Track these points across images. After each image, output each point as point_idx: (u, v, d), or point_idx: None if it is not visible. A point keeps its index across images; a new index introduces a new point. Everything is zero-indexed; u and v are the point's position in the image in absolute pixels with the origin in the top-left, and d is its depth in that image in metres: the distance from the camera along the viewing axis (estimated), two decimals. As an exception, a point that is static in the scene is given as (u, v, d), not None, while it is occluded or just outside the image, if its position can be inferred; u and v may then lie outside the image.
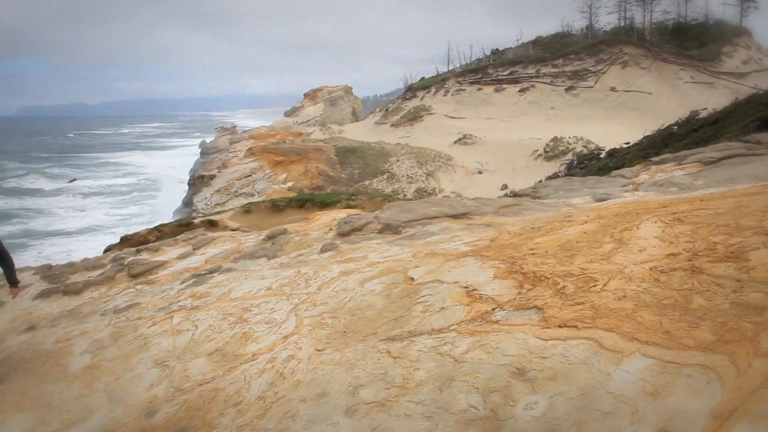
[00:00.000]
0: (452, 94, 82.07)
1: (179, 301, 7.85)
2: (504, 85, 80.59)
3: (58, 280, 11.53)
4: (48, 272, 12.33)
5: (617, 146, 36.82)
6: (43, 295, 10.75)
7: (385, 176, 49.13)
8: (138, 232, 18.76)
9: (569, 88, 77.69)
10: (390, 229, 9.04)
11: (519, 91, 79.20)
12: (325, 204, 18.51)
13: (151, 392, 5.69)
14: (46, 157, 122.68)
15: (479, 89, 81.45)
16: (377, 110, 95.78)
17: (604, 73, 79.22)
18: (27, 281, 11.95)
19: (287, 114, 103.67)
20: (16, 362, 7.49)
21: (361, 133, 76.58)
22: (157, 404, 5.43)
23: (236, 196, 42.87)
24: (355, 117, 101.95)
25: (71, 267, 12.57)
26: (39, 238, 53.60)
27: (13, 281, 7.29)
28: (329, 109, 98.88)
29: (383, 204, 14.70)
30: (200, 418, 4.97)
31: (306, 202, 19.52)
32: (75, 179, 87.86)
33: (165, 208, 59.98)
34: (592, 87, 77.75)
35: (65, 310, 9.68)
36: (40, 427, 5.82)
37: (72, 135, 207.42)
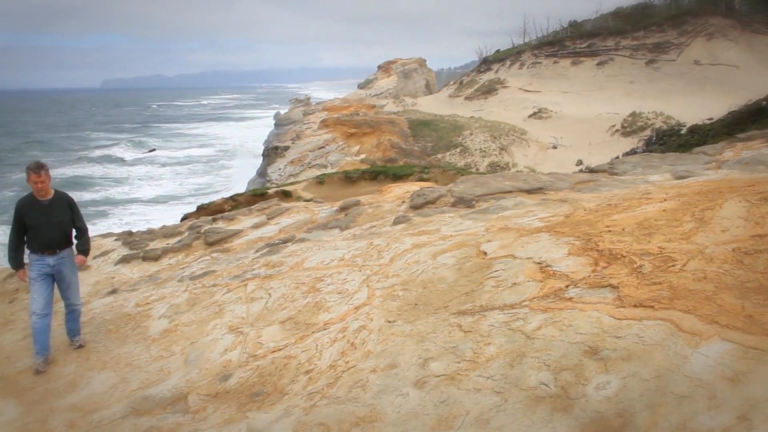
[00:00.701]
0: (527, 67, 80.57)
1: (253, 269, 8.03)
2: (581, 58, 78.55)
3: (138, 246, 11.93)
4: (129, 238, 12.77)
5: (699, 122, 35.49)
6: (124, 260, 11.15)
7: (457, 150, 48.77)
8: (214, 201, 19.19)
9: (650, 62, 75.17)
10: (463, 202, 9.01)
11: (597, 64, 77.12)
12: (397, 176, 18.52)
13: (225, 357, 5.86)
14: (129, 128, 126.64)
15: (555, 62, 79.67)
16: (451, 83, 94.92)
17: (687, 45, 76.24)
18: (109, 246, 12.43)
19: (361, 86, 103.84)
20: (100, 323, 7.82)
21: (434, 105, 76.07)
22: (231, 369, 5.59)
23: (309, 167, 43.27)
24: (429, 90, 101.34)
25: (150, 234, 12.98)
26: (119, 206, 55.56)
27: (84, 249, 7.35)
28: (403, 82, 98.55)
29: (456, 177, 14.63)
30: (272, 384, 5.09)
31: (379, 175, 19.56)
32: (154, 149, 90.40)
33: (239, 179, 61.25)
34: (674, 60, 74.98)
35: (144, 276, 10.03)
36: (122, 385, 6.08)
37: (155, 106, 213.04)
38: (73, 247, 7.15)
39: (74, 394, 6.07)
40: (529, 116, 62.25)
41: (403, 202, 10.07)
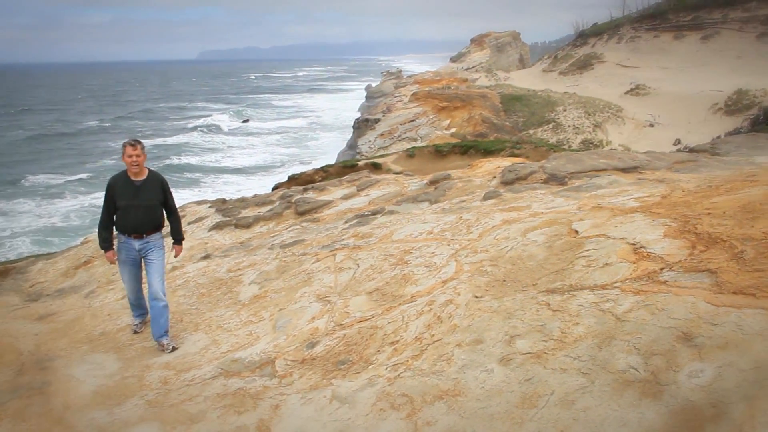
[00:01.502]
0: (626, 42, 77.61)
1: (342, 239, 8.14)
2: (684, 32, 74.93)
3: (231, 213, 12.28)
4: (222, 206, 13.16)
5: (814, 101, 33.46)
6: (217, 227, 11.51)
7: (550, 126, 47.72)
8: (305, 172, 19.47)
9: (761, 35, 70.92)
10: (555, 179, 8.84)
11: (701, 38, 73.42)
12: (488, 151, 18.30)
13: (312, 325, 5.98)
14: (226, 98, 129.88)
15: (656, 36, 76.37)
16: (545, 57, 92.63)
17: (806, 17, 71.47)
18: (203, 213, 12.85)
19: (453, 59, 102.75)
20: (193, 287, 8.12)
21: (527, 80, 74.55)
22: (318, 336, 5.71)
23: (399, 140, 43.26)
24: (522, 64, 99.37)
25: (243, 202, 13.33)
26: (213, 173, 57.24)
27: (178, 237, 7.08)
28: (496, 56, 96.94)
29: (548, 154, 14.35)
30: (358, 353, 5.17)
31: (469, 149, 19.38)
32: (248, 120, 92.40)
33: (329, 150, 61.95)
34: (790, 34, 70.50)
35: (236, 242, 10.33)
36: (213, 346, 6.31)
37: (253, 77, 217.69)
38: (163, 232, 6.87)
39: (168, 353, 6.34)
40: (626, 92, 60.11)
41: (494, 177, 9.97)
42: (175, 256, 7.26)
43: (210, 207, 13.39)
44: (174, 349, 6.48)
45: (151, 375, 5.94)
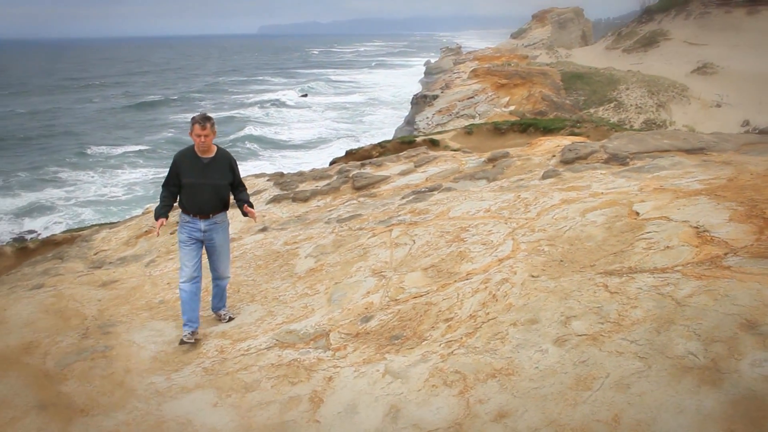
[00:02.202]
0: (695, 18, 75.04)
1: (399, 215, 8.14)
2: (759, 7, 71.81)
3: (289, 187, 12.41)
4: (280, 179, 13.30)
5: None
6: (275, 200, 11.65)
7: (611, 105, 46.70)
8: (362, 147, 19.49)
9: (842, 10, 67.68)
10: (617, 159, 8.66)
11: (778, 13, 70.38)
12: (548, 130, 18.03)
13: (367, 299, 6.02)
14: (287, 73, 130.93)
15: (727, 12, 73.51)
16: (608, 34, 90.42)
17: None
18: (261, 186, 13.01)
19: (513, 36, 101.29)
20: (250, 259, 8.24)
21: (589, 57, 72.92)
22: (372, 311, 5.74)
23: (457, 117, 42.95)
24: (584, 41, 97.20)
25: (300, 176, 13.45)
26: (272, 147, 57.93)
27: (249, 201, 6.49)
28: (557, 32, 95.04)
29: (609, 133, 14.06)
30: (411, 329, 5.19)
31: (528, 127, 19.12)
32: (306, 94, 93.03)
33: (386, 125, 61.96)
34: None
35: (293, 216, 10.43)
36: (268, 317, 6.41)
37: (315, 52, 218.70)
38: (228, 212, 6.51)
39: (224, 323, 6.46)
40: (692, 71, 58.31)
41: (554, 156, 9.82)
42: (255, 220, 6.62)
43: (268, 180, 13.55)
44: (231, 319, 6.53)
45: (208, 343, 6.08)
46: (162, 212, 6.20)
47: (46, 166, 51.28)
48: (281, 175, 14.33)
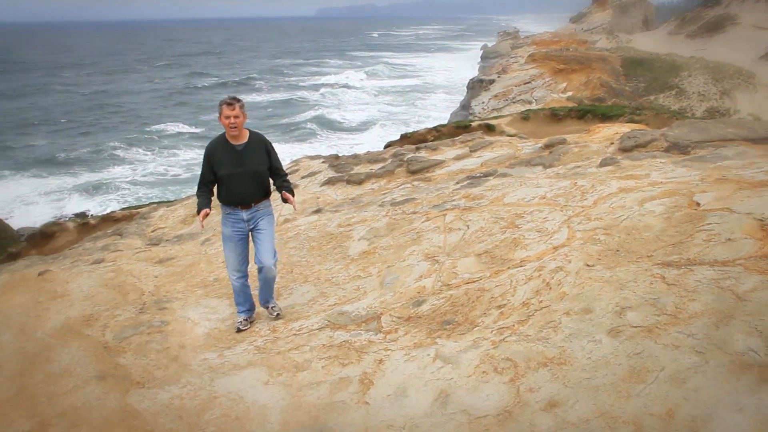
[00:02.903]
0: (766, 0, 72.29)
1: (453, 200, 8.10)
2: (837, -10, 68.75)
3: (343, 169, 12.46)
4: (335, 162, 13.36)
5: None
6: (329, 182, 11.71)
7: (673, 92, 45.50)
8: (417, 131, 19.41)
9: None
10: (677, 148, 8.45)
11: None
12: (606, 116, 17.68)
13: (419, 283, 6.01)
14: (346, 55, 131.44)
15: (804, -6, 70.53)
16: (672, 18, 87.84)
17: None
18: (316, 168, 13.10)
19: (573, 20, 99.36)
20: (304, 240, 8.31)
21: (650, 43, 71.03)
22: (425, 295, 5.73)
23: (513, 102, 42.44)
24: (646, 26, 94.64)
25: (355, 158, 13.48)
26: (327, 129, 58.30)
27: (290, 188, 6.10)
28: (618, 16, 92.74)
29: (670, 121, 13.71)
30: (463, 315, 5.17)
31: (586, 113, 18.77)
32: (364, 77, 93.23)
33: (442, 109, 61.67)
34: None
35: (348, 198, 10.47)
36: (321, 299, 6.46)
37: (375, 35, 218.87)
38: (271, 199, 6.18)
39: (278, 302, 6.53)
40: (761, 57, 56.27)
41: (612, 143, 9.63)
42: (295, 208, 6.35)
43: (323, 162, 13.63)
44: (278, 316, 6.23)
45: (260, 323, 6.17)
46: (204, 203, 5.88)
47: (107, 145, 52.69)
48: (336, 157, 14.40)
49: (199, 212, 5.85)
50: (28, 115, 66.43)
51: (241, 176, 5.80)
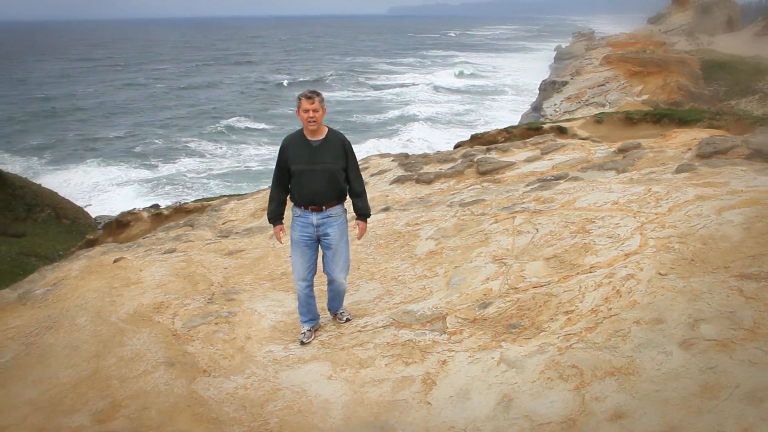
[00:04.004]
0: None
1: (523, 202, 8.00)
2: None
3: (413, 168, 12.46)
4: (405, 160, 13.38)
5: None
6: (398, 180, 11.73)
7: (756, 96, 43.86)
8: (488, 132, 19.29)
9: None
10: (761, 156, 8.14)
11: None
12: (684, 121, 17.20)
13: (486, 285, 5.96)
14: (419, 54, 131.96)
15: None
16: (759, 19, 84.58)
17: None
18: (386, 166, 13.14)
19: (650, 21, 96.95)
20: (372, 237, 8.34)
21: (733, 45, 68.61)
22: (491, 297, 5.68)
23: (586, 104, 41.70)
24: (730, 27, 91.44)
25: (425, 158, 13.47)
26: (399, 127, 58.52)
27: (364, 213, 5.92)
28: (699, 17, 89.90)
29: (753, 127, 13.23)
30: (530, 319, 5.10)
31: (663, 118, 18.31)
32: (436, 78, 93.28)
33: (513, 110, 61.10)
34: None
35: (416, 197, 10.47)
36: (386, 296, 6.47)
37: (452, 34, 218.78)
38: (345, 205, 5.86)
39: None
40: None
41: (689, 149, 9.34)
42: (358, 238, 6.08)
43: (393, 161, 13.66)
44: (348, 320, 6.05)
45: (325, 317, 6.21)
46: (276, 218, 5.82)
47: (181, 138, 54.23)
48: (406, 156, 14.42)
49: (272, 223, 5.87)
50: (110, 108, 69.10)
51: (314, 174, 5.51)
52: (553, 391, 4.13)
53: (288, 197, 5.80)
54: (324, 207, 5.60)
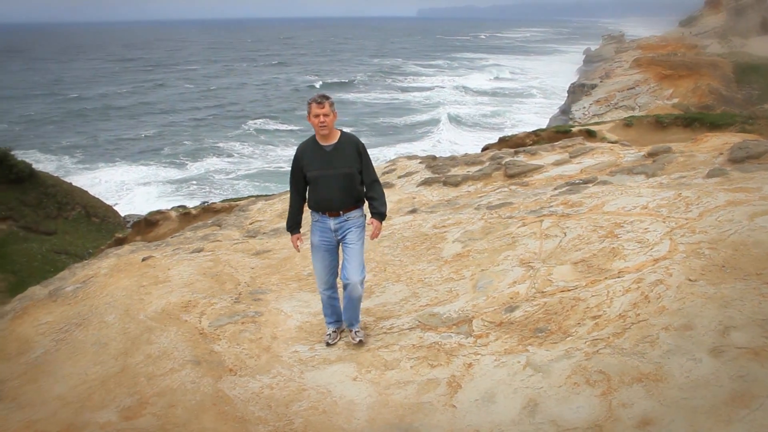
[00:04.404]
0: None
1: (550, 206, 7.95)
2: None
3: (440, 170, 12.44)
4: (432, 162, 13.36)
5: None
6: (426, 182, 11.71)
7: (791, 100, 43.18)
8: (516, 134, 19.24)
9: None
10: (794, 161, 8.00)
11: None
12: (715, 125, 16.99)
13: (513, 289, 5.92)
14: (447, 57, 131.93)
15: None
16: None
17: None
18: (413, 168, 13.14)
19: (682, 24, 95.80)
20: (398, 239, 8.34)
21: (768, 47, 67.61)
22: (518, 301, 5.65)
23: (615, 108, 41.38)
24: (764, 29, 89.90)
25: (452, 160, 13.44)
26: (429, 129, 58.58)
27: (380, 210, 5.68)
28: (733, 20, 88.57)
29: (786, 132, 13.02)
30: (557, 323, 5.06)
31: (694, 122, 18.10)
32: (466, 78, 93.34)
33: (541, 113, 60.82)
34: None
35: (443, 199, 10.45)
36: (413, 299, 6.46)
37: (483, 36, 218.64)
38: (364, 208, 5.73)
39: (369, 300, 6.58)
40: None
41: (721, 153, 9.20)
42: (372, 237, 5.78)
43: (420, 163, 13.65)
44: (361, 342, 5.68)
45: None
46: (293, 227, 5.78)
47: (210, 138, 54.76)
48: (433, 158, 14.40)
49: (288, 229, 5.83)
50: (141, 108, 70.10)
51: (329, 179, 5.41)
52: (579, 396, 4.10)
53: (306, 204, 5.74)
54: (342, 212, 5.52)
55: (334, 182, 5.40)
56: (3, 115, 65.27)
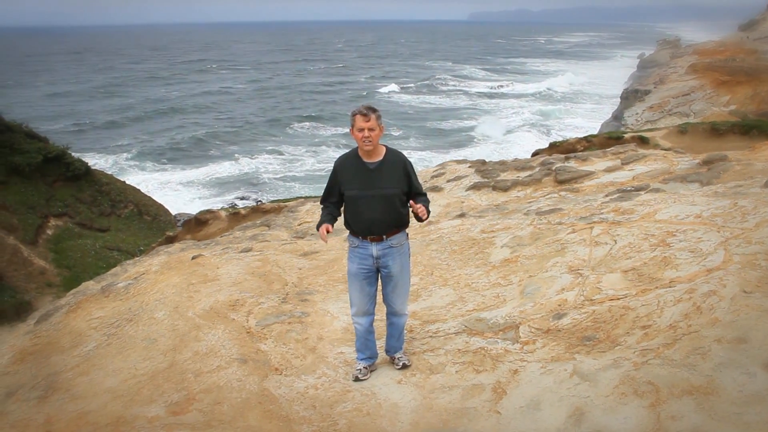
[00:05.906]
0: None
1: (601, 213, 7.83)
2: None
3: (489, 175, 12.39)
4: (482, 167, 13.32)
5: None
6: (475, 187, 11.67)
7: None
8: (567, 140, 19.02)
9: None
10: None
11: None
12: (775, 133, 16.55)
13: (561, 296, 5.85)
14: (499, 62, 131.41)
15: None
16: None
17: None
18: (462, 173, 13.11)
19: (741, 28, 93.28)
20: (446, 243, 8.33)
21: (835, 52, 65.43)
22: (566, 308, 5.58)
23: (669, 114, 40.54)
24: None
25: (502, 165, 13.37)
26: (478, 134, 58.44)
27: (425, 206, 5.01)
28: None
29: None
30: (605, 332, 4.98)
31: (752, 129, 17.63)
32: (501, 85, 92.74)
33: (593, 118, 60.04)
34: None
35: (492, 204, 10.40)
36: (459, 303, 6.44)
37: (542, 41, 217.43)
38: (407, 233, 5.24)
39: (415, 303, 6.59)
40: None
41: (779, 162, 8.98)
42: (421, 217, 4.98)
43: (469, 167, 13.62)
44: (405, 366, 5.35)
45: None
46: (325, 219, 5.06)
47: (260, 139, 55.45)
48: (483, 162, 14.36)
49: (319, 227, 5.05)
50: (195, 109, 71.46)
51: (371, 200, 4.92)
52: (627, 407, 4.03)
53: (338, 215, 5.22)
54: (385, 236, 5.02)
55: (376, 203, 4.92)
56: (67, 115, 67.23)
